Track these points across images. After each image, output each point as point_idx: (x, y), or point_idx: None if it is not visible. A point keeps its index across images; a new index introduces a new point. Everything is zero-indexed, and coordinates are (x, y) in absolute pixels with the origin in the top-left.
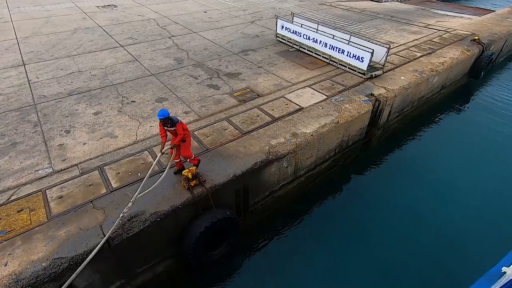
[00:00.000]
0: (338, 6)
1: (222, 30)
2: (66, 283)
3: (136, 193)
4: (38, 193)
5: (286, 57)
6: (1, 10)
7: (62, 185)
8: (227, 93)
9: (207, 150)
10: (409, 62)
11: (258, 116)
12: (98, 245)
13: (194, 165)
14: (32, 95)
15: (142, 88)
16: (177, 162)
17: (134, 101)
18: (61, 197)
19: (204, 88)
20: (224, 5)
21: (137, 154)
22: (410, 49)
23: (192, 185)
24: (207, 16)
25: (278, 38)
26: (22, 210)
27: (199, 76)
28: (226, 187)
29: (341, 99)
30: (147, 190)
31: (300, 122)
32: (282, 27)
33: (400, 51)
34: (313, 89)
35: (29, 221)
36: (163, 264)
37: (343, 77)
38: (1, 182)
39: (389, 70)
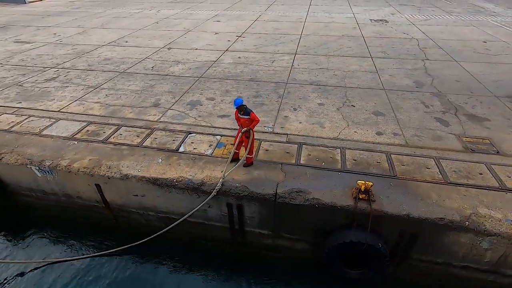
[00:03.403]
0: None
1: (495, 66)
2: (204, 200)
3: (224, 171)
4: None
5: None
6: (302, 13)
7: (271, 143)
8: (454, 134)
9: (394, 176)
10: None
11: (480, 174)
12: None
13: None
14: (289, 76)
15: (366, 98)
16: (236, 152)
17: (354, 106)
18: (267, 150)
19: (430, 119)
20: None
21: (331, 148)
22: None
23: (360, 197)
24: (484, 47)
25: None
26: None
27: (431, 105)
28: (392, 220)
29: None
30: (230, 171)
31: None
32: None
33: None
34: None
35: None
36: (302, 244)
37: None
38: None
39: None
